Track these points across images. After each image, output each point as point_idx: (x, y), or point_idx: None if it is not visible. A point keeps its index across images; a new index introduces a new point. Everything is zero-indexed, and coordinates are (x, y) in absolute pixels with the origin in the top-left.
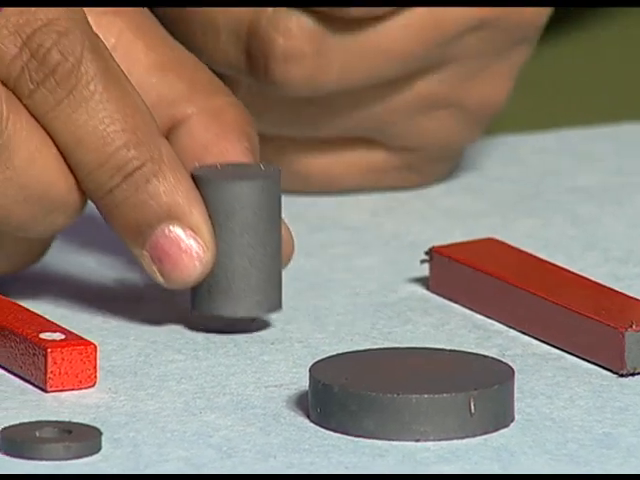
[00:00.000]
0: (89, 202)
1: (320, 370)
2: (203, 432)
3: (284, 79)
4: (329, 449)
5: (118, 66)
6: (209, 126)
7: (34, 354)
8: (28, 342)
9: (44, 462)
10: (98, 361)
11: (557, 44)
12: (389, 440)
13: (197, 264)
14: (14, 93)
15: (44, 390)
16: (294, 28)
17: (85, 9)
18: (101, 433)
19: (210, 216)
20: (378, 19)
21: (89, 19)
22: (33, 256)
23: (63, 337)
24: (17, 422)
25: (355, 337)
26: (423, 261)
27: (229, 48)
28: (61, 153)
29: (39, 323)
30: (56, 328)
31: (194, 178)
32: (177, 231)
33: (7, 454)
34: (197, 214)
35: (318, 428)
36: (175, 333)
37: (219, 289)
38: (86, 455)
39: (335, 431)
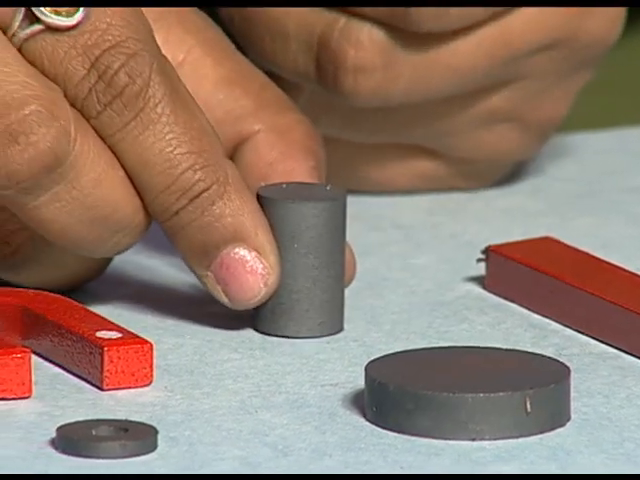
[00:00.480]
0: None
1: (376, 369)
2: (259, 431)
3: (353, 90)
4: (385, 448)
5: (185, 88)
6: (275, 144)
7: (90, 353)
8: (85, 341)
9: (100, 460)
10: (154, 360)
11: (618, 45)
12: (445, 439)
13: (262, 285)
14: (82, 114)
15: (100, 388)
16: (365, 40)
17: (156, 26)
18: (157, 431)
19: (275, 237)
20: (449, 35)
21: (158, 36)
22: (94, 273)
23: (119, 336)
24: (74, 420)
25: (411, 336)
26: (479, 260)
27: (299, 56)
28: (128, 175)
29: (95, 322)
30: (112, 327)
31: (259, 198)
32: (242, 253)
33: (64, 452)
34: (262, 236)
35: (374, 427)
36: (231, 332)
37: (282, 309)
38: (142, 454)
39: (391, 430)
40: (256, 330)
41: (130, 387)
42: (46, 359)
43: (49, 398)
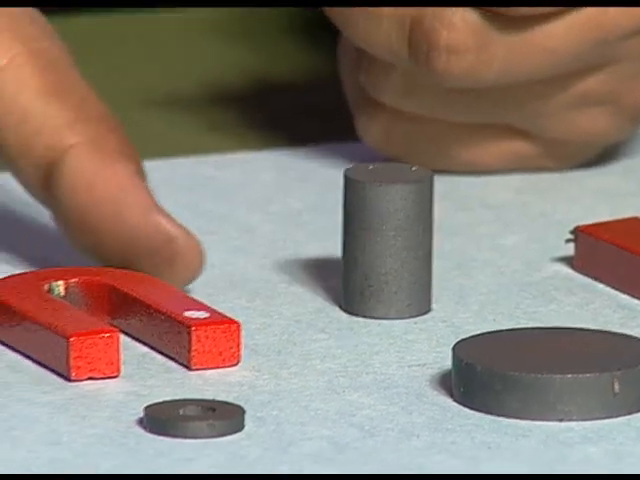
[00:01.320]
0: None
1: (463, 349)
2: (346, 411)
3: (445, 70)
4: (472, 428)
5: None
6: (95, 153)
7: (178, 332)
8: (172, 321)
9: (187, 440)
10: (242, 339)
11: None
12: (532, 420)
13: None
14: None
15: (188, 368)
16: (458, 22)
17: None
18: (244, 411)
19: (363, 218)
20: (543, 18)
21: None
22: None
23: (207, 315)
24: (161, 400)
25: (499, 317)
26: (568, 240)
27: (392, 36)
28: None
29: (184, 302)
30: (200, 307)
31: (347, 180)
32: None
33: (151, 432)
34: None
35: (461, 407)
36: (319, 312)
37: (371, 291)
38: (229, 433)
39: (478, 411)
40: (344, 312)
41: (217, 367)
42: (134, 338)
43: (137, 378)
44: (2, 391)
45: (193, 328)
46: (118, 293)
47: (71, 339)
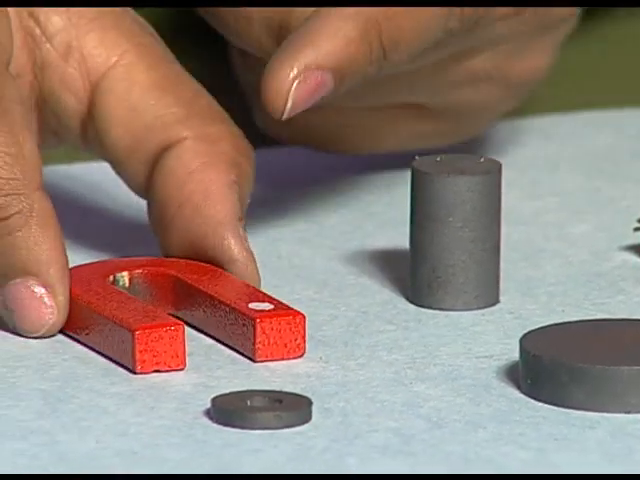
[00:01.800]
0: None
1: (531, 341)
2: (413, 402)
3: None
4: (539, 420)
5: (21, 114)
6: (200, 153)
7: (243, 324)
8: (237, 312)
9: (254, 431)
10: (309, 331)
11: None
12: (599, 412)
13: (43, 323)
14: None
15: (253, 360)
16: None
17: (93, 25)
18: (311, 402)
19: (431, 210)
20: None
21: (94, 36)
22: None
23: (272, 307)
24: (229, 391)
25: (567, 308)
26: (636, 229)
27: (262, 37)
28: None
29: (248, 293)
30: (265, 298)
31: (415, 172)
32: (31, 287)
33: (219, 423)
34: (55, 274)
35: (528, 399)
36: (386, 304)
37: (438, 283)
38: (296, 425)
39: (545, 402)
40: (412, 303)
41: (282, 359)
42: (198, 330)
43: (204, 369)
44: (70, 382)
45: (258, 320)
46: (182, 284)
47: (137, 332)
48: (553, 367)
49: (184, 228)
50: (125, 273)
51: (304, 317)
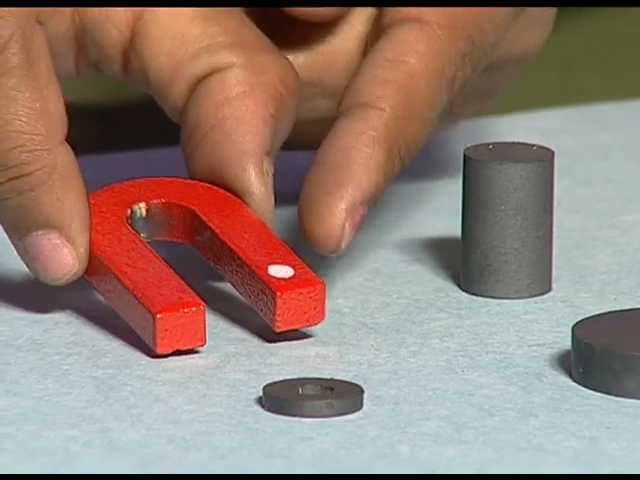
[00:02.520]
0: None
1: (583, 330)
2: (464, 390)
3: None
4: (591, 409)
5: (47, 66)
6: (243, 81)
7: (263, 291)
8: (257, 278)
9: (306, 419)
10: (359, 319)
11: None
12: None
13: (65, 273)
14: None
15: (272, 331)
16: None
17: None
18: (363, 390)
19: (483, 198)
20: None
21: None
22: None
23: (292, 274)
24: (280, 379)
25: (619, 296)
26: None
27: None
28: None
29: (269, 249)
30: (285, 257)
31: (467, 159)
32: (52, 239)
33: (270, 411)
34: (76, 227)
35: (580, 388)
36: (438, 292)
37: (491, 271)
38: (348, 412)
39: (597, 391)
40: (464, 291)
41: (302, 326)
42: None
43: (256, 356)
44: (122, 370)
45: (278, 294)
46: (200, 221)
47: (158, 316)
48: (605, 355)
49: (210, 151)
50: (142, 204)
51: (324, 286)
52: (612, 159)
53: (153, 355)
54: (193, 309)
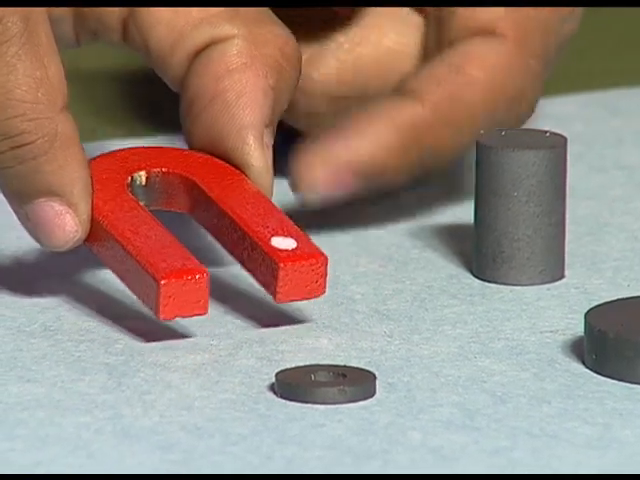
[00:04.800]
0: None
1: (596, 316)
2: (477, 377)
3: None
4: (604, 395)
5: (48, 36)
6: (243, 52)
7: (264, 262)
8: (259, 249)
9: (318, 405)
10: (372, 305)
11: None
12: None
13: (68, 239)
14: None
15: (272, 301)
16: None
17: None
18: (375, 377)
19: (496, 185)
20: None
21: None
22: None
23: (294, 247)
24: (293, 365)
25: (632, 283)
26: None
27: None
28: None
29: (271, 220)
30: (287, 229)
31: (480, 146)
32: (54, 206)
33: (283, 397)
34: (78, 193)
35: (593, 374)
36: (451, 278)
37: (503, 258)
38: (360, 399)
39: (610, 377)
40: (476, 278)
41: (303, 299)
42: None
43: (269, 342)
44: (135, 356)
45: (281, 265)
46: (200, 192)
47: (162, 282)
48: (618, 342)
49: (210, 123)
50: (143, 173)
51: (326, 258)
52: (625, 145)
53: (165, 342)
54: (197, 276)
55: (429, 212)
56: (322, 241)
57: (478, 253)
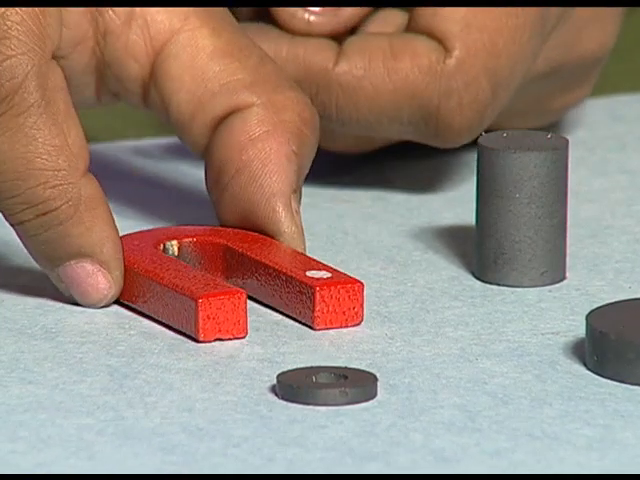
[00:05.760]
0: None
1: (597, 318)
2: (479, 379)
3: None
4: (605, 397)
5: (65, 100)
6: (264, 120)
7: (301, 292)
8: (295, 281)
9: (320, 407)
10: (373, 307)
11: None
12: None
13: (102, 298)
14: None
15: (311, 328)
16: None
17: None
18: (377, 379)
19: (497, 186)
20: None
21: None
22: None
23: (329, 275)
24: (294, 367)
25: (634, 285)
26: None
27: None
28: None
29: (303, 261)
30: (321, 266)
31: (481, 148)
32: (85, 266)
33: (284, 399)
34: (108, 251)
35: (594, 376)
36: (452, 280)
37: (505, 259)
38: (362, 401)
39: (612, 379)
40: (478, 279)
41: (341, 326)
42: (251, 298)
43: (270, 344)
44: (136, 358)
45: (317, 289)
46: (232, 252)
47: (200, 301)
48: (619, 344)
49: (238, 194)
50: (174, 242)
51: (362, 285)
52: (628, 151)
53: (166, 344)
54: (235, 296)
55: (430, 214)
56: (323, 242)
57: (480, 255)
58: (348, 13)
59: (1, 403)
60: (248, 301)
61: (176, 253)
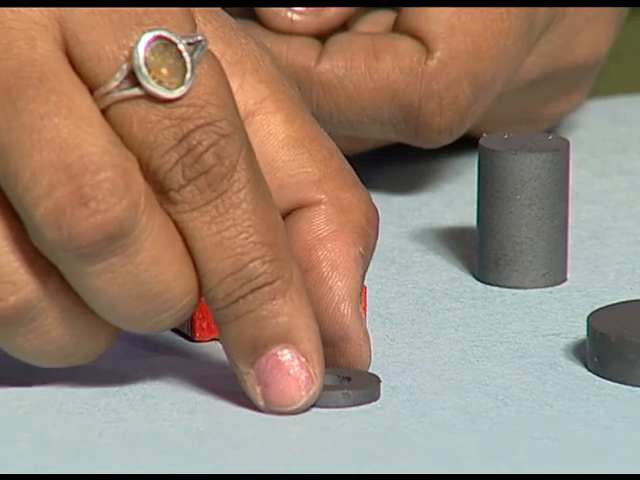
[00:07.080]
0: None
1: (598, 319)
2: (480, 380)
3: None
4: (606, 398)
5: (264, 179)
6: (332, 220)
7: None
8: None
9: (323, 409)
10: (374, 308)
11: None
12: None
13: (303, 394)
14: (161, 184)
15: None
16: None
17: (233, 69)
18: (380, 380)
19: (498, 188)
20: None
21: (233, 82)
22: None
23: None
24: None
25: (635, 286)
26: None
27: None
28: (191, 255)
29: None
30: None
31: (482, 149)
32: (290, 356)
33: None
34: (313, 343)
35: (595, 377)
36: (453, 281)
37: (506, 261)
38: (365, 403)
39: (612, 380)
40: (479, 281)
41: None
42: None
43: None
44: (138, 359)
45: None
46: None
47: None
48: (620, 345)
49: (308, 293)
50: None
51: (365, 287)
52: (628, 152)
53: (167, 346)
54: None
55: (431, 215)
56: None
57: (481, 256)
58: (332, 13)
59: (2, 405)
60: None
61: None
